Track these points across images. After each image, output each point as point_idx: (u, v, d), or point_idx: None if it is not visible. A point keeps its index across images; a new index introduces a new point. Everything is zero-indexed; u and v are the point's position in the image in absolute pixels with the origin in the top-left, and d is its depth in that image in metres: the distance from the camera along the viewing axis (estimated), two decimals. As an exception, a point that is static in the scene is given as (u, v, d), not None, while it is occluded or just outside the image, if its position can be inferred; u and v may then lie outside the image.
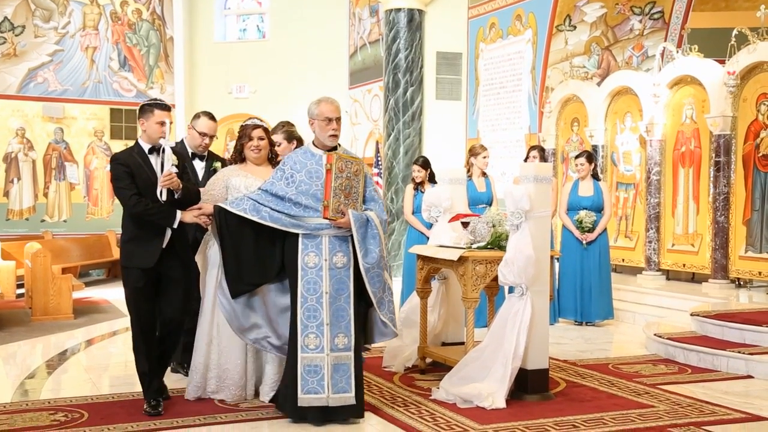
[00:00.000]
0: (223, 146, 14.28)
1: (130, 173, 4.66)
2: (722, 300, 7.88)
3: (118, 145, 13.67)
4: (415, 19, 12.16)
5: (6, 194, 13.37)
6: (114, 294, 10.22)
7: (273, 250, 4.65)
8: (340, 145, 4.78)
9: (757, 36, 8.10)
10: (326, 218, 4.50)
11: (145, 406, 4.77)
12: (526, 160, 8.08)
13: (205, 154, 5.78)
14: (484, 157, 7.92)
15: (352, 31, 14.16)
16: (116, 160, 4.73)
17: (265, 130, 5.18)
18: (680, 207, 9.10)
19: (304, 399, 4.50)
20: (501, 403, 4.85)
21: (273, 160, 5.20)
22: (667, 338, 6.69)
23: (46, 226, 13.50)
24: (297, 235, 4.56)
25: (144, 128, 4.79)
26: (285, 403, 4.61)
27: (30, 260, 9.04)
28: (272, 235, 4.61)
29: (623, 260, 9.86)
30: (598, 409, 4.91)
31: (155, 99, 4.98)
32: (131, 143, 5.02)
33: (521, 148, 10.85)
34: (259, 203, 4.59)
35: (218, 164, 5.68)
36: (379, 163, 12.11)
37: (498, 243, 5.32)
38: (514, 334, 4.94)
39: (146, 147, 4.79)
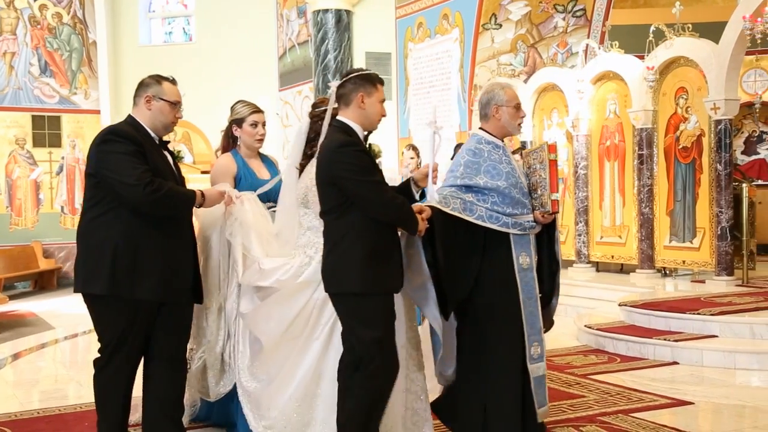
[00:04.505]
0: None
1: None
2: (649, 289, 8.08)
3: (42, 153, 13.25)
4: (343, 20, 12.14)
5: (-77, 207, 12.87)
6: (41, 306, 9.93)
7: (470, 259, 3.87)
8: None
9: (674, 32, 8.34)
10: (555, 212, 3.99)
11: None
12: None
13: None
14: (411, 158, 8.00)
15: (280, 32, 14.06)
16: (354, 146, 3.43)
17: None
18: (607, 200, 9.30)
19: (541, 413, 3.92)
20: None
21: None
22: (596, 329, 6.84)
23: (-33, 238, 13.03)
24: (503, 236, 3.90)
25: (362, 107, 3.52)
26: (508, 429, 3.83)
27: (-50, 274, 8.71)
28: (471, 241, 3.86)
29: (554, 254, 10.02)
30: (530, 401, 4.97)
31: (364, 69, 3.65)
32: (56, 151, 3.97)
33: (452, 146, 10.92)
34: (465, 201, 3.86)
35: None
36: (312, 164, 12.05)
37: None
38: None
39: (362, 133, 3.55)
